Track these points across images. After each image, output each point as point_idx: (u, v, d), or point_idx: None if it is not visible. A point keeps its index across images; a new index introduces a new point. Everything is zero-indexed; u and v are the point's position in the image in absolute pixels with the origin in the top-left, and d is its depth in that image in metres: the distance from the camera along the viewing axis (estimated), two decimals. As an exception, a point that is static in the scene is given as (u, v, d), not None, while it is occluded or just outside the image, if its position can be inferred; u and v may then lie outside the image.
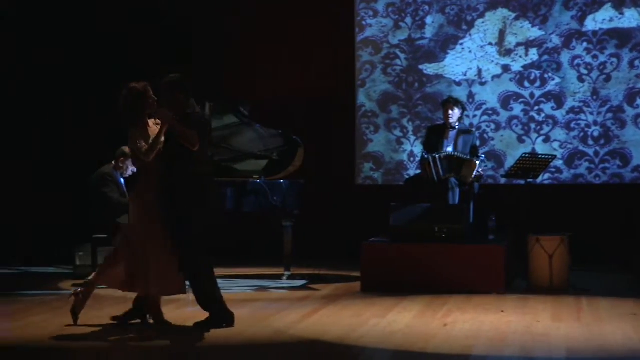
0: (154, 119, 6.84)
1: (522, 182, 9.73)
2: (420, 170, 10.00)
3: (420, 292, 8.33)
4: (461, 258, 8.58)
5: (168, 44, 11.65)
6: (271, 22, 11.73)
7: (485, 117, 11.32)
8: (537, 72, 11.21)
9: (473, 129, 10.68)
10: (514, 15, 11.27)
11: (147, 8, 11.78)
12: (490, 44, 11.32)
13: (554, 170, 11.02)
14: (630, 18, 11.00)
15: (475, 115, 11.31)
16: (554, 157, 9.89)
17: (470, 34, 11.37)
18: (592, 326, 6.82)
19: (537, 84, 11.21)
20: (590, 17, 11.10)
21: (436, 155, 9.59)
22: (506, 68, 11.28)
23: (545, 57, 11.19)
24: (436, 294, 8.27)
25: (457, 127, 9.86)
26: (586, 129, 11.11)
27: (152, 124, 6.82)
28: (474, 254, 8.61)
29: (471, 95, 11.32)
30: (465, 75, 11.37)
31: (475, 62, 11.35)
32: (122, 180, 9.45)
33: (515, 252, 9.12)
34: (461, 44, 11.38)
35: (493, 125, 11.30)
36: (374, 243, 8.98)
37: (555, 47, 11.16)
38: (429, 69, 11.46)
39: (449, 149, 9.76)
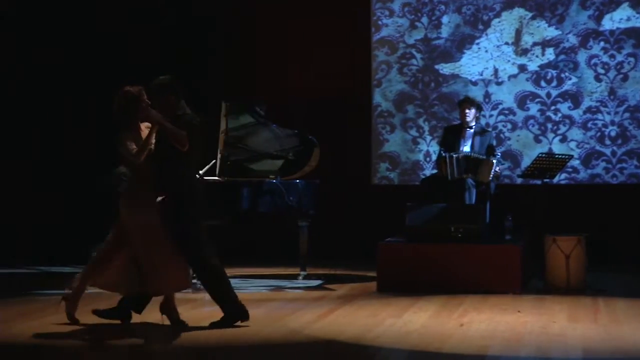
0: (145, 123, 6.87)
1: (538, 182, 9.70)
2: (436, 170, 10.00)
3: (436, 292, 8.32)
4: (477, 258, 8.57)
5: (169, 44, 11.65)
6: (287, 21, 11.73)
7: (501, 117, 11.29)
8: (554, 71, 11.18)
9: (489, 129, 10.66)
10: (530, 14, 11.24)
11: (148, 8, 11.75)
12: (506, 43, 11.29)
13: (570, 170, 10.98)
14: (648, 17, 10.99)
15: (491, 115, 11.28)
16: (570, 157, 9.85)
17: (486, 34, 11.34)
18: (609, 327, 6.79)
19: (554, 83, 11.17)
20: (607, 17, 11.07)
21: (454, 155, 9.57)
22: (522, 68, 11.25)
23: (562, 56, 11.16)
24: (452, 294, 8.25)
25: (473, 127, 9.85)
26: (603, 129, 11.08)
27: (144, 127, 6.86)
28: (490, 254, 8.60)
29: (487, 95, 11.30)
30: (482, 75, 11.35)
31: (492, 61, 11.33)
32: None
33: (532, 253, 9.09)
34: (477, 44, 11.36)
35: (509, 125, 11.27)
36: (390, 243, 8.97)
37: (572, 46, 11.13)
38: (445, 68, 11.45)
39: (466, 148, 9.74)
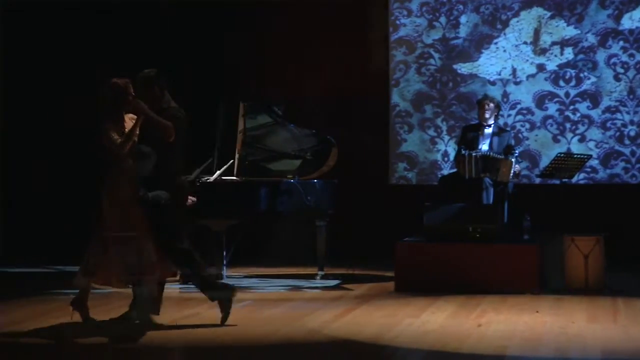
0: (129, 115, 6.92)
1: (557, 181, 9.67)
2: (454, 169, 9.97)
3: (454, 292, 8.30)
4: (495, 258, 8.55)
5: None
6: (305, 22, 11.73)
7: (519, 117, 11.26)
8: (573, 71, 11.13)
9: (508, 129, 10.63)
10: (549, 14, 11.19)
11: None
12: (525, 43, 11.25)
13: (589, 170, 10.94)
14: (667, 16, 10.94)
15: (509, 115, 11.25)
16: (589, 156, 9.81)
17: (504, 33, 11.31)
18: (628, 327, 6.76)
19: (573, 83, 11.13)
20: (626, 16, 11.01)
21: (473, 154, 9.54)
22: (541, 67, 11.21)
23: (581, 56, 11.12)
24: (470, 294, 8.23)
25: (492, 126, 9.83)
26: (622, 129, 11.03)
27: (128, 119, 6.91)
28: (508, 254, 8.58)
29: (505, 95, 11.26)
30: (500, 74, 11.32)
31: (510, 61, 11.29)
32: None
33: (550, 252, 9.06)
34: (495, 43, 11.32)
35: (528, 125, 11.24)
36: (408, 243, 8.96)
37: (591, 46, 11.08)
38: (463, 68, 11.42)
39: (485, 147, 9.72)
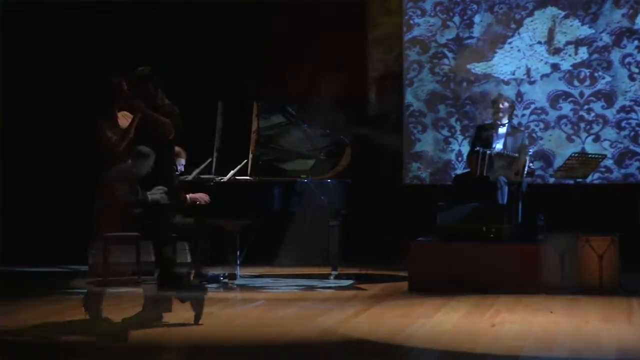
0: (123, 112, 6.97)
1: (571, 181, 9.64)
2: (468, 169, 9.95)
3: (468, 292, 8.28)
4: (509, 258, 8.52)
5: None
6: (305, 21, 11.71)
7: (534, 117, 11.23)
8: (587, 70, 11.10)
9: (522, 128, 10.61)
10: (563, 13, 11.16)
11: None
12: (539, 42, 11.22)
13: (603, 169, 10.90)
14: (682, 16, 10.89)
15: (523, 115, 11.22)
16: (604, 156, 9.78)
17: (519, 33, 11.28)
18: (642, 327, 6.75)
19: (587, 82, 11.10)
20: (641, 15, 11.00)
21: (487, 152, 9.53)
22: (555, 67, 11.18)
23: (595, 55, 11.08)
24: (484, 294, 8.21)
25: (506, 125, 9.81)
26: (637, 128, 10.99)
27: (122, 116, 6.95)
28: (522, 254, 8.55)
29: (520, 95, 11.23)
30: (514, 74, 11.29)
31: (524, 61, 11.26)
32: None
33: (565, 253, 9.03)
34: (510, 43, 11.30)
35: (542, 125, 11.21)
36: (422, 242, 8.95)
37: (606, 45, 11.04)
38: (477, 68, 11.40)
39: (499, 145, 9.71)
